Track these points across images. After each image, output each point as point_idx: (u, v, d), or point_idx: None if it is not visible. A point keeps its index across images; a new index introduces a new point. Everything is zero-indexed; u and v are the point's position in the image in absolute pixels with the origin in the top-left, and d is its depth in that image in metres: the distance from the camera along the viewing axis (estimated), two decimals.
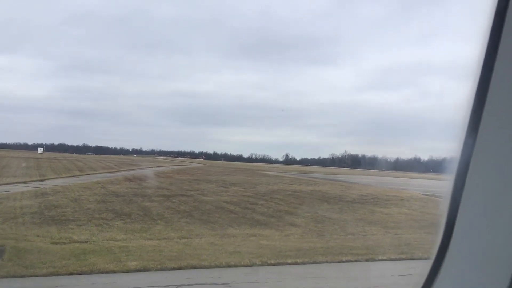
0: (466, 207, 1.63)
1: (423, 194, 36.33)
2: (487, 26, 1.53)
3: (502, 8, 1.48)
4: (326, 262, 12.02)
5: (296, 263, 11.57)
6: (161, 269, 10.36)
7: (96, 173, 43.49)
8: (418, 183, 60.87)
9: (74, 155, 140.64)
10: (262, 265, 11.19)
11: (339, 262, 12.07)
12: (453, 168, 1.68)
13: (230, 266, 10.92)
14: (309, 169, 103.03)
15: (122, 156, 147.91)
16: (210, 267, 10.69)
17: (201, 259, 11.35)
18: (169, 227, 16.83)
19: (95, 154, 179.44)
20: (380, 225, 19.74)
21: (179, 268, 10.43)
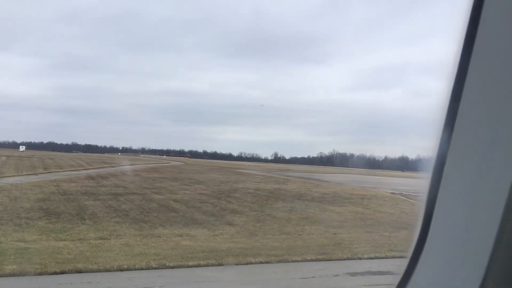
0: (442, 204, 1.63)
1: (390, 193, 35.91)
2: (463, 26, 1.55)
3: (478, 7, 1.49)
4: (234, 264, 11.35)
5: (198, 266, 10.89)
6: (41, 274, 9.61)
7: (60, 171, 42.47)
8: (395, 182, 60.63)
9: (60, 153, 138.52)
10: (158, 268, 10.50)
11: (247, 263, 11.41)
12: (430, 166, 1.68)
13: (121, 270, 10.20)
14: (292, 168, 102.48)
15: (106, 155, 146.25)
16: (97, 270, 9.98)
17: (93, 262, 10.61)
18: (94, 227, 16.04)
19: (83, 152, 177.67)
20: (324, 224, 19.13)
21: (62, 272, 9.68)
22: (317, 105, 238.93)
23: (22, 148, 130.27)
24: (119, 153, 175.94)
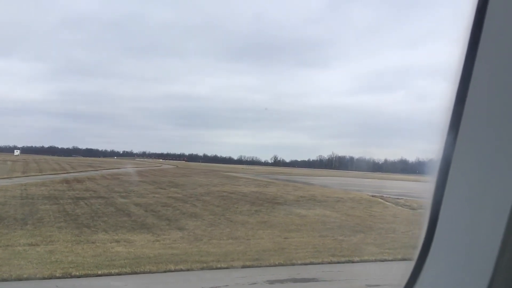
0: (448, 207, 1.62)
1: (371, 195, 35.11)
2: (467, 28, 1.56)
3: (482, 10, 1.50)
4: (151, 272, 10.66)
5: (108, 274, 10.22)
6: None
7: (38, 175, 41.90)
8: (385, 184, 59.87)
9: (57, 157, 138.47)
10: (61, 277, 9.83)
11: (165, 271, 10.73)
12: (435, 168, 1.68)
13: (19, 279, 9.54)
14: (287, 171, 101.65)
15: (100, 158, 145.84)
16: None
17: None
18: (31, 232, 15.38)
19: (83, 156, 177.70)
20: (280, 228, 18.42)
21: None
22: (319, 108, 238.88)
23: (17, 152, 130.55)
24: (115, 157, 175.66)
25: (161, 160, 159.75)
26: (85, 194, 27.24)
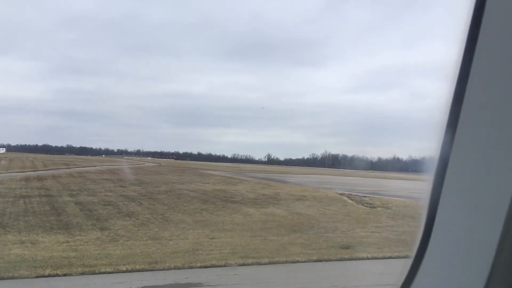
0: (445, 205, 1.63)
1: (338, 194, 34.22)
2: (465, 27, 1.56)
3: (480, 9, 1.49)
4: (22, 277, 9.74)
5: None
6: None
7: (2, 173, 40.83)
8: (364, 183, 59.11)
9: (43, 155, 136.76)
10: None
11: (38, 277, 9.82)
12: (432, 167, 1.68)
13: None
14: (273, 169, 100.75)
15: (88, 157, 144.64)
16: None
17: None
18: None
19: (76, 154, 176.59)
20: (215, 227, 17.53)
21: None
22: (315, 107, 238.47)
23: (2, 150, 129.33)
24: (103, 155, 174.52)
25: (149, 158, 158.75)
26: (33, 193, 26.25)
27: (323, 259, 12.62)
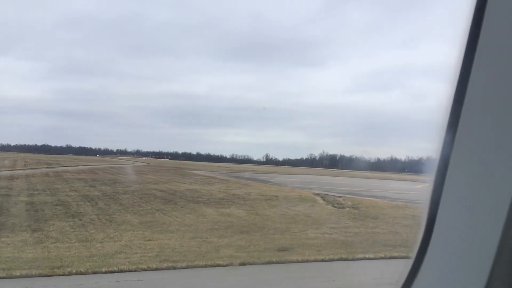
0: (446, 205, 1.63)
1: (313, 194, 33.43)
2: (465, 28, 1.55)
3: (480, 10, 1.48)
4: None
5: None
6: None
7: None
8: (349, 183, 58.36)
9: (39, 155, 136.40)
10: None
11: None
12: (433, 167, 1.68)
13: None
14: (264, 169, 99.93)
15: (83, 157, 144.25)
16: None
17: None
18: None
19: (75, 155, 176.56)
20: (157, 229, 16.74)
21: None
22: (315, 107, 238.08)
23: None
24: (97, 155, 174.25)
25: (144, 158, 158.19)
26: None
27: (248, 263, 11.84)
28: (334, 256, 12.91)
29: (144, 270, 10.77)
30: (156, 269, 10.90)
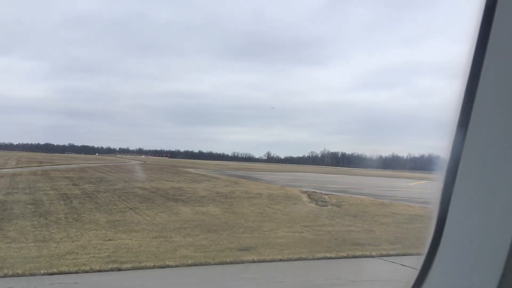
0: (457, 204, 1.61)
1: (301, 192, 32.92)
2: (476, 26, 1.53)
3: (491, 7, 1.47)
4: None
5: None
6: None
7: None
8: (342, 181, 57.81)
9: (41, 154, 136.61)
10: None
11: None
12: (443, 165, 1.66)
13: None
14: (260, 167, 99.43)
15: (82, 155, 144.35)
16: None
17: None
18: None
19: (76, 153, 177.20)
20: (124, 228, 16.27)
21: None
22: (318, 105, 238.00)
23: None
24: (97, 154, 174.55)
25: (143, 156, 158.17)
26: None
27: (200, 263, 11.34)
28: (294, 256, 12.39)
29: (86, 271, 10.29)
30: (99, 270, 10.42)
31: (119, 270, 10.54)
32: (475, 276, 1.53)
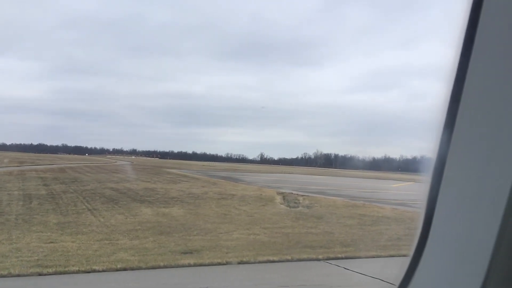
0: (443, 204, 1.64)
1: (277, 193, 32.40)
2: (462, 28, 1.56)
3: (477, 10, 1.50)
4: None
5: None
6: None
7: None
8: (324, 182, 57.43)
9: (32, 154, 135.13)
10: None
11: None
12: (430, 166, 1.68)
13: None
14: (248, 168, 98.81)
15: (71, 155, 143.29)
16: None
17: None
18: None
19: (69, 154, 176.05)
20: (70, 231, 15.65)
21: None
22: (311, 106, 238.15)
23: None
24: (87, 154, 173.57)
25: (133, 157, 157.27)
26: None
27: (131, 267, 10.78)
28: (236, 259, 11.85)
29: (3, 276, 9.70)
30: (18, 275, 9.83)
31: (40, 275, 9.94)
32: (460, 274, 1.55)
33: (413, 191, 44.72)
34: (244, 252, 12.85)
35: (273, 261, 11.78)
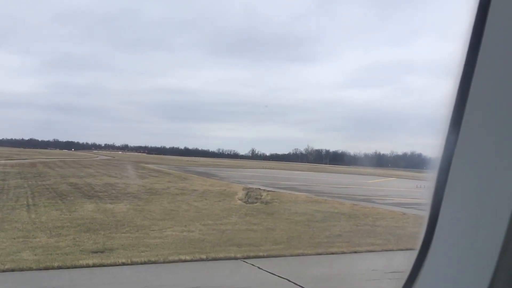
0: (449, 203, 1.61)
1: (243, 188, 31.58)
2: (469, 24, 1.52)
3: (485, 5, 1.46)
4: None
5: None
6: None
7: None
8: (301, 177, 56.84)
9: (20, 149, 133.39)
10: None
11: None
12: (435, 165, 1.66)
13: None
14: (231, 164, 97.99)
15: (57, 150, 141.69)
16: None
17: None
18: None
19: (60, 149, 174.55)
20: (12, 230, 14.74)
21: None
22: (305, 102, 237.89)
23: None
24: (73, 149, 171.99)
25: (120, 152, 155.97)
26: None
27: (18, 269, 9.86)
28: (147, 259, 10.99)
29: None
30: None
31: None
32: (467, 275, 1.52)
33: (387, 187, 44.16)
34: (163, 251, 11.99)
35: (185, 261, 10.94)
